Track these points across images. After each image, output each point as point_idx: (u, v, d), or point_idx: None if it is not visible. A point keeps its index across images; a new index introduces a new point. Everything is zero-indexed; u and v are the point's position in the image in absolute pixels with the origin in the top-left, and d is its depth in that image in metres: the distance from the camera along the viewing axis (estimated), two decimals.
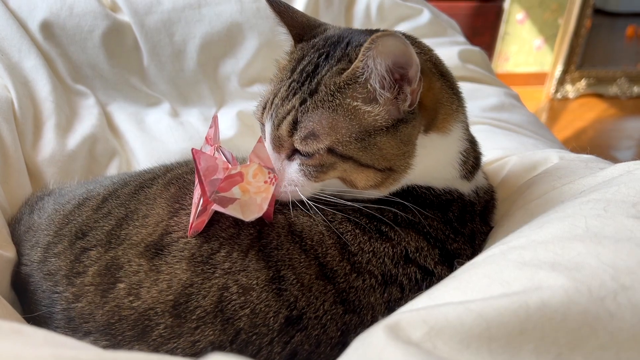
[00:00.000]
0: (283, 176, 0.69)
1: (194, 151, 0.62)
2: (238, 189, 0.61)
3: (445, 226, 0.70)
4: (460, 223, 0.71)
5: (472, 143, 0.78)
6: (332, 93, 0.65)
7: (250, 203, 0.61)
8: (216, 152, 0.68)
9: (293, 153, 0.69)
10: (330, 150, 0.65)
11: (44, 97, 1.18)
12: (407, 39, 0.65)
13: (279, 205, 0.70)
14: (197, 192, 0.65)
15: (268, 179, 0.62)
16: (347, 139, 0.64)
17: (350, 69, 0.65)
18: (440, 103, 0.70)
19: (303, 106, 0.66)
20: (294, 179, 0.68)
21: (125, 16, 1.35)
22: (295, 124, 0.66)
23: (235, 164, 0.65)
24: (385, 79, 0.63)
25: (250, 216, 0.61)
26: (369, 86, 0.64)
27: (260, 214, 0.61)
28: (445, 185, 0.72)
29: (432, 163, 0.71)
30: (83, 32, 1.30)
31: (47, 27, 1.28)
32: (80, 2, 1.30)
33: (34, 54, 1.23)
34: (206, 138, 0.74)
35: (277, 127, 0.68)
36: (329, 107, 0.65)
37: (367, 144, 0.65)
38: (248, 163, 0.63)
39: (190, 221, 0.64)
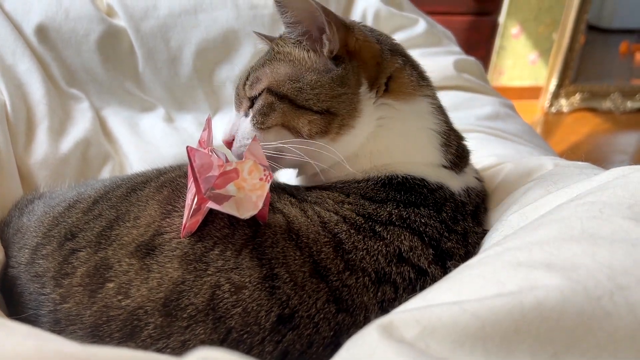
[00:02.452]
0: (239, 133, 0.80)
1: (189, 149, 0.61)
2: (233, 186, 0.60)
3: (433, 220, 0.70)
4: (453, 221, 0.71)
5: (454, 131, 0.82)
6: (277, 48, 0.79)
7: (246, 200, 0.60)
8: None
9: (248, 109, 0.80)
10: (269, 90, 0.76)
11: (37, 100, 1.17)
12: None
13: (278, 205, 0.70)
14: (190, 193, 0.64)
15: (263, 176, 0.61)
16: (282, 78, 0.76)
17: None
18: (379, 62, 0.78)
19: (255, 66, 0.81)
20: (247, 131, 0.78)
21: (121, 21, 1.35)
22: (247, 78, 0.80)
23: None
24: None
25: (245, 213, 0.60)
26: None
27: (255, 212, 0.60)
28: (435, 176, 0.75)
29: (402, 138, 0.76)
30: (78, 36, 1.30)
31: (42, 31, 1.27)
32: (76, 6, 1.30)
33: (28, 57, 1.22)
34: (199, 141, 0.73)
35: (236, 87, 0.83)
36: (271, 59, 0.79)
37: (302, 85, 0.74)
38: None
39: (183, 222, 0.63)
